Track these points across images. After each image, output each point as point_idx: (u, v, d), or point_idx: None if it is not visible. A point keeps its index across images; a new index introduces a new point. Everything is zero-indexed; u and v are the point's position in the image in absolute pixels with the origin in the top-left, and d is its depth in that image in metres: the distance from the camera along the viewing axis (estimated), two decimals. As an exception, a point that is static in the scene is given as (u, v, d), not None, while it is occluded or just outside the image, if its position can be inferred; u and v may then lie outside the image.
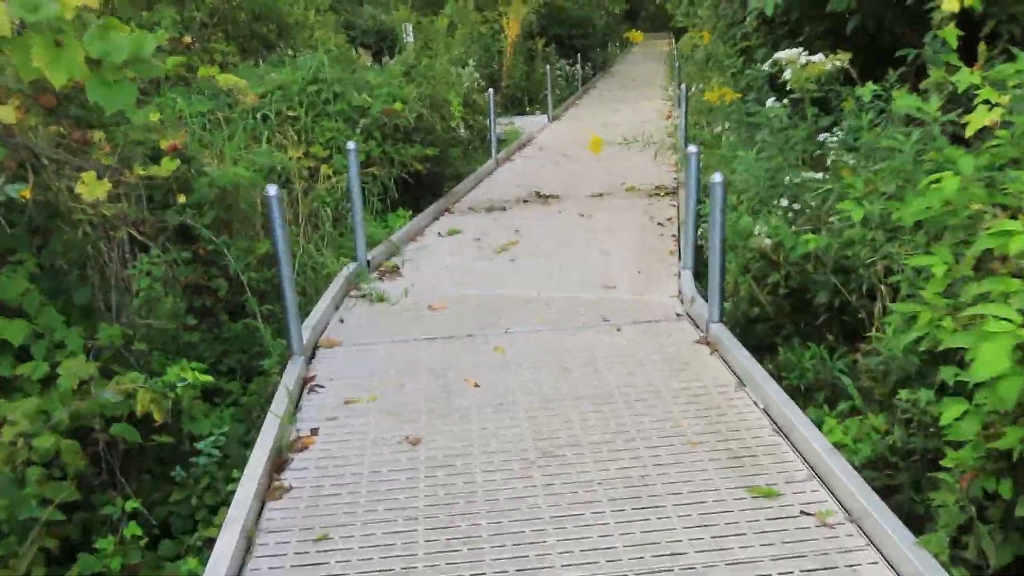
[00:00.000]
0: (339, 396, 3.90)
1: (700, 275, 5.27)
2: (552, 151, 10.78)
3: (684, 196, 7.54)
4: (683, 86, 9.06)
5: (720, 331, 4.28)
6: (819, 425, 3.50)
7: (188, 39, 8.16)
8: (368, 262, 5.59)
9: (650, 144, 7.69)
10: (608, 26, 24.49)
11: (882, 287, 3.55)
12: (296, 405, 3.78)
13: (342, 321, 4.79)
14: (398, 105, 7.03)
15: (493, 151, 9.69)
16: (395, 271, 5.66)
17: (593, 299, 5.04)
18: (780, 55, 4.67)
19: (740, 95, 5.88)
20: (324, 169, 6.50)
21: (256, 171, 5.36)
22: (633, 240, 6.33)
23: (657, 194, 7.96)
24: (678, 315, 4.77)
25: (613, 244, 6.21)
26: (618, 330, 4.57)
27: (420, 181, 7.55)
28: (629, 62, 28.39)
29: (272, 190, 3.85)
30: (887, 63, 6.43)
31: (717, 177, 4.11)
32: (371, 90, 7.34)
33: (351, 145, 5.33)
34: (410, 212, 7.08)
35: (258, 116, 6.66)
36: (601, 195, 7.99)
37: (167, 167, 3.64)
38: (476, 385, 3.94)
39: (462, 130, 10.00)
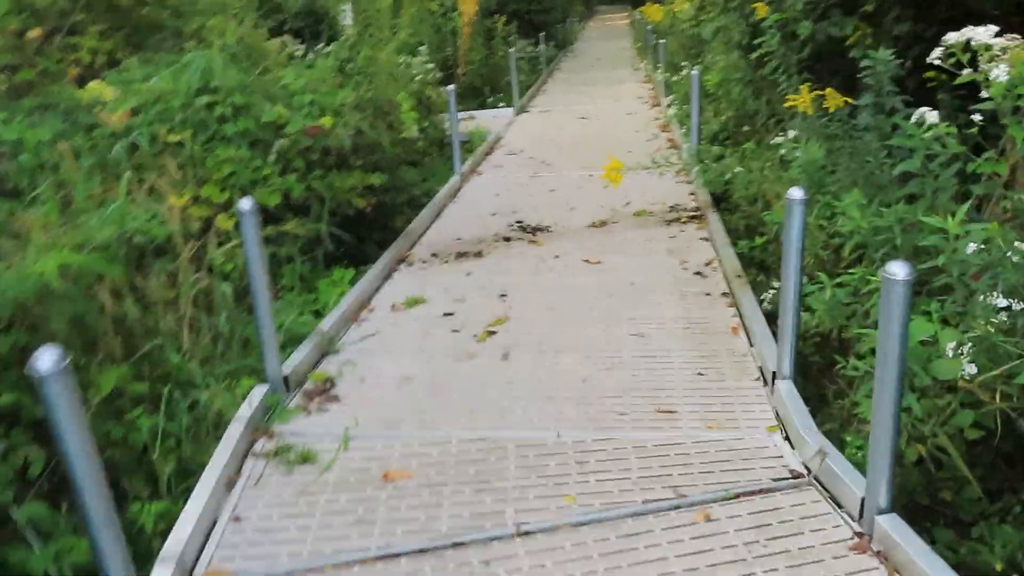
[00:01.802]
0: None
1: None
2: (527, 156, 8.84)
3: (714, 225, 5.72)
4: (695, 72, 7.17)
5: (897, 530, 2.44)
6: None
7: (37, 31, 6.03)
8: (286, 379, 3.63)
9: (674, 166, 5.80)
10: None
11: None
12: None
13: (238, 520, 2.83)
14: (327, 120, 5.02)
15: (456, 164, 7.72)
16: (328, 390, 3.69)
17: (646, 442, 3.15)
18: (958, 36, 2.81)
19: (849, 99, 4.01)
20: (222, 222, 4.49)
21: (96, 251, 3.35)
22: (672, 307, 4.45)
23: (676, 220, 6.09)
24: (793, 475, 2.92)
25: (645, 316, 4.33)
26: (707, 519, 2.71)
27: (363, 218, 5.57)
28: (589, 39, 26.54)
29: (45, 362, 1.87)
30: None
31: (900, 270, 2.23)
32: (290, 98, 5.32)
33: (245, 205, 3.35)
34: (351, 270, 5.11)
35: (121, 145, 4.62)
36: (603, 224, 6.10)
37: None
38: None
39: (416, 132, 8.03)
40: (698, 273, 4.92)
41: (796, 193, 3.00)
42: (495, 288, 4.87)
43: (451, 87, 7.77)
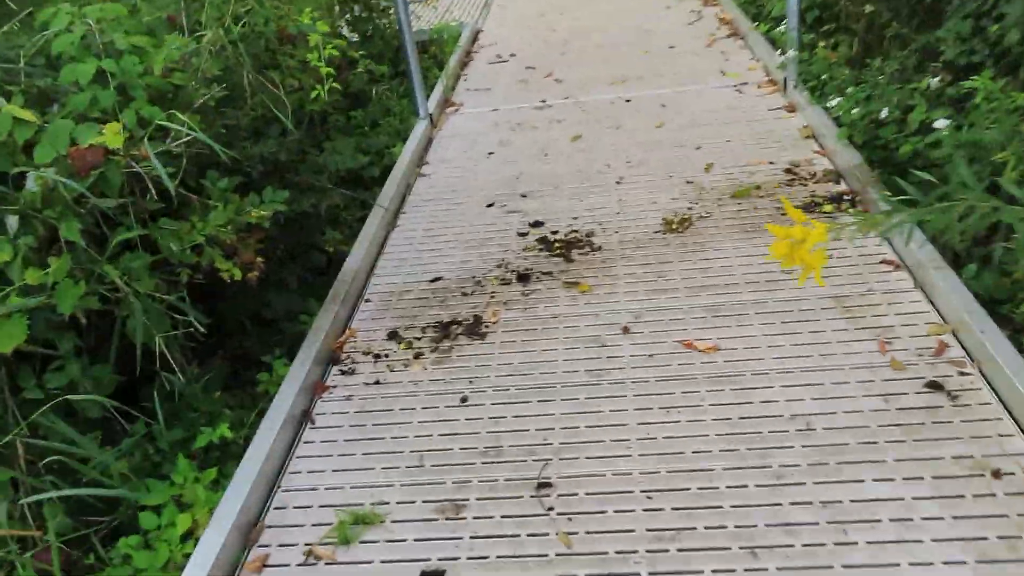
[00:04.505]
0: None
1: None
2: (523, 65, 5.99)
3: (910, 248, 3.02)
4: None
5: None
6: None
7: None
8: None
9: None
10: None
11: None
12: None
13: None
14: (110, 134, 2.30)
15: (419, 99, 4.94)
16: None
17: None
18: None
19: None
20: None
21: None
22: (942, 537, 1.95)
23: (812, 206, 3.44)
24: None
25: None
26: None
27: (245, 290, 2.96)
28: None
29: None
30: None
31: None
32: (52, 85, 2.57)
33: None
34: (222, 433, 2.58)
35: None
36: (686, 224, 3.45)
37: None
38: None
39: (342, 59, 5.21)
40: (935, 386, 2.36)
41: None
42: (522, 454, 2.35)
43: (396, -21, 4.82)
